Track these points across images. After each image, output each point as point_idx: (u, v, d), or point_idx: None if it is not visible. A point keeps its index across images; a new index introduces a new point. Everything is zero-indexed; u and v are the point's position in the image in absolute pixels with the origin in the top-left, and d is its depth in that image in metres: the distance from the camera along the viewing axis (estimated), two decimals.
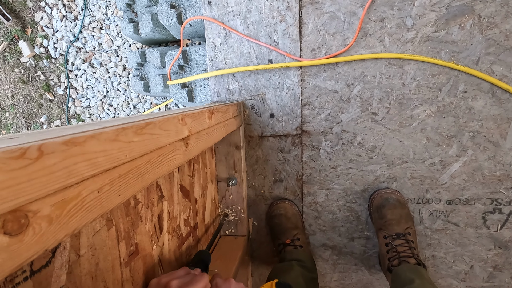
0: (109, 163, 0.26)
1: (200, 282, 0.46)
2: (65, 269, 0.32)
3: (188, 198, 0.66)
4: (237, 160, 0.85)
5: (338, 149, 0.84)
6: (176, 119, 0.40)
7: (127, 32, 1.26)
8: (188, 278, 0.47)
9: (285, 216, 0.85)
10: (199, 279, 0.47)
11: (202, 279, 0.47)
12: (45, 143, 0.20)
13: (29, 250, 0.18)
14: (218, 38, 0.85)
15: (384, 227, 0.77)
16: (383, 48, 0.77)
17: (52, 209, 0.20)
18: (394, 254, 0.73)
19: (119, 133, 0.28)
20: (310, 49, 0.80)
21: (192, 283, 0.45)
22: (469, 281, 0.85)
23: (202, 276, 0.49)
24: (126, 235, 0.43)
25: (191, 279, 0.47)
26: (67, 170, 0.22)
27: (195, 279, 0.47)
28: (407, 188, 0.83)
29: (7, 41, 1.73)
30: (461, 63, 0.74)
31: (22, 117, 1.84)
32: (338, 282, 0.95)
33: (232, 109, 0.74)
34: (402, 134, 0.80)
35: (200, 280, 0.47)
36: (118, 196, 0.28)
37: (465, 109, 0.76)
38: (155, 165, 0.34)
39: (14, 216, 0.18)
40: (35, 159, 0.19)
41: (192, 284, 0.45)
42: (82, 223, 0.23)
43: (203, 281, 0.47)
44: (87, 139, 0.24)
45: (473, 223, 0.82)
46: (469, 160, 0.78)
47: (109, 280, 0.40)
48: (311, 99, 0.83)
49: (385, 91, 0.79)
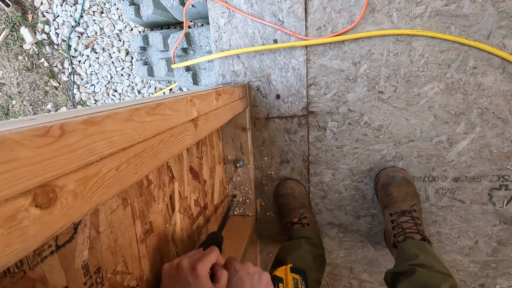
0: (125, 142, 0.27)
1: (210, 254, 0.47)
2: (87, 245, 0.34)
3: (198, 179, 0.68)
4: (243, 142, 0.86)
5: (344, 129, 0.85)
6: (185, 100, 0.41)
7: (128, 15, 1.24)
8: (198, 254, 0.48)
9: (292, 195, 0.87)
10: (209, 252, 0.48)
11: (212, 252, 0.48)
12: (66, 122, 0.21)
13: (59, 222, 0.20)
14: (221, 18, 0.83)
15: (390, 204, 0.78)
16: (391, 24, 0.75)
17: (76, 184, 0.21)
18: (400, 231, 0.74)
19: (133, 113, 0.28)
20: (316, 27, 0.79)
21: (203, 257, 0.46)
22: (473, 255, 0.87)
23: (212, 249, 0.49)
24: (141, 213, 0.45)
25: (201, 255, 0.47)
26: (87, 148, 0.22)
27: (205, 253, 0.48)
28: (413, 167, 0.83)
29: (9, 28, 1.72)
30: (472, 37, 0.72)
31: (29, 105, 1.86)
32: (344, 258, 0.98)
33: (238, 91, 0.74)
34: (409, 113, 0.80)
35: (210, 253, 0.47)
36: (135, 174, 0.29)
37: (474, 86, 0.75)
38: (167, 145, 0.35)
39: (43, 190, 0.19)
40: (58, 137, 0.20)
41: (203, 258, 0.46)
42: (103, 199, 0.24)
43: (214, 254, 0.48)
44: (103, 118, 0.24)
45: (479, 200, 0.82)
46: (477, 137, 0.78)
47: (127, 256, 0.42)
48: (317, 79, 0.83)
49: (393, 69, 0.77)
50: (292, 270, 0.60)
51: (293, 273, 0.60)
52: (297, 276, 0.59)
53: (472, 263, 0.88)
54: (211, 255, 0.47)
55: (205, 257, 0.46)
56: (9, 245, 0.17)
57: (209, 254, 0.47)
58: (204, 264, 0.45)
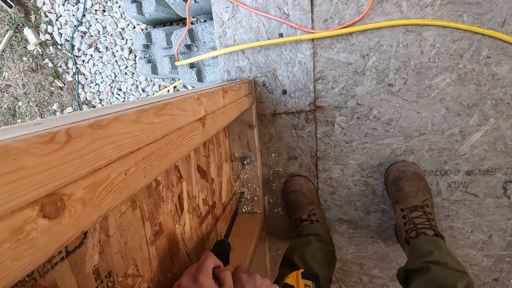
0: (133, 145, 0.26)
1: (206, 262, 0.44)
2: (97, 249, 0.33)
3: (205, 178, 0.67)
4: (250, 139, 0.85)
5: (353, 124, 0.83)
6: (192, 98, 0.39)
7: (131, 13, 1.23)
8: (193, 268, 0.45)
9: (301, 192, 0.86)
10: (203, 260, 0.45)
11: (206, 259, 0.45)
12: (72, 126, 0.20)
13: (68, 232, 0.19)
14: (225, 13, 0.81)
15: (401, 199, 0.77)
16: (400, 14, 0.72)
17: (85, 191, 0.21)
18: (412, 226, 0.73)
19: (140, 115, 0.27)
20: (322, 20, 0.77)
21: (200, 267, 0.44)
22: (487, 250, 0.85)
23: (204, 255, 0.46)
24: (150, 215, 0.44)
25: (196, 266, 0.45)
26: (95, 153, 0.22)
27: (200, 262, 0.45)
28: (424, 161, 0.81)
29: (12, 29, 1.72)
30: (485, 26, 0.69)
31: (35, 106, 1.86)
32: (354, 254, 0.97)
33: (244, 87, 0.73)
34: (420, 105, 0.78)
35: (204, 261, 0.45)
36: (144, 177, 0.28)
37: (488, 76, 0.72)
38: (175, 146, 0.34)
39: (50, 200, 0.18)
40: (64, 143, 0.19)
41: (200, 268, 0.44)
42: (113, 205, 0.23)
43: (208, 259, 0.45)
44: (110, 121, 0.23)
45: (493, 193, 0.80)
46: (491, 129, 0.76)
47: (138, 258, 0.41)
48: (324, 73, 0.81)
49: (402, 60, 0.75)
50: (304, 276, 0.57)
51: (305, 279, 0.57)
52: (309, 282, 0.56)
53: (486, 258, 0.86)
54: (207, 262, 0.45)
55: (202, 266, 0.44)
56: (18, 259, 0.16)
57: (204, 262, 0.45)
58: (205, 273, 0.43)
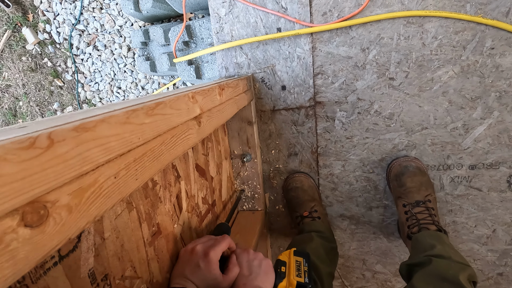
0: (123, 147, 0.25)
1: (223, 241, 0.50)
2: (92, 252, 0.33)
3: (204, 177, 0.66)
4: (250, 136, 0.84)
5: (353, 119, 0.81)
6: (186, 97, 0.39)
7: (128, 10, 1.21)
8: (211, 241, 0.51)
9: (302, 188, 0.85)
10: (221, 239, 0.51)
11: (224, 239, 0.51)
12: (55, 130, 0.19)
13: (52, 241, 0.18)
14: (222, 8, 0.80)
15: (404, 195, 0.76)
16: (401, 5, 0.70)
17: (71, 197, 0.20)
18: (414, 222, 0.72)
19: (130, 115, 0.27)
20: (321, 13, 0.75)
21: (216, 244, 0.49)
22: (491, 244, 0.84)
23: (224, 237, 0.52)
24: (147, 216, 0.44)
25: (214, 242, 0.50)
26: (81, 157, 0.21)
27: (218, 240, 0.51)
28: (427, 155, 0.80)
29: (11, 29, 1.71)
30: (489, 16, 0.67)
31: (35, 105, 1.86)
32: (356, 250, 0.96)
33: (242, 84, 0.72)
34: (422, 99, 0.76)
35: (222, 241, 0.50)
36: (135, 180, 0.27)
37: (491, 68, 0.71)
38: (169, 146, 0.33)
39: (32, 208, 0.17)
40: (46, 148, 0.18)
41: (216, 245, 0.49)
42: (102, 210, 0.23)
43: (225, 241, 0.51)
44: (97, 123, 0.22)
45: (497, 187, 0.79)
46: (495, 122, 0.74)
47: (135, 260, 0.41)
48: (323, 68, 0.79)
49: (404, 53, 0.74)
50: (295, 253, 0.62)
51: (296, 256, 0.61)
52: (300, 258, 0.61)
53: (490, 252, 0.85)
54: (223, 243, 0.50)
55: (218, 244, 0.49)
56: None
57: (221, 242, 0.50)
58: (216, 251, 0.48)
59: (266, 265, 0.53)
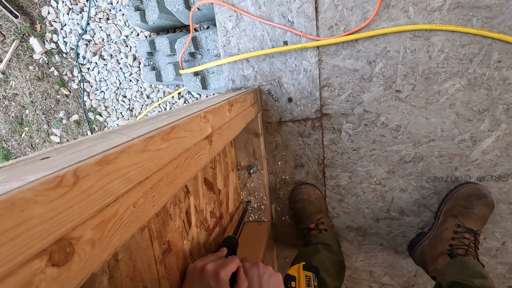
0: (141, 175, 0.26)
1: (233, 262, 0.51)
2: (106, 275, 0.33)
3: (212, 190, 0.66)
4: (256, 148, 0.85)
5: (360, 131, 0.82)
6: (198, 117, 0.39)
7: (134, 21, 1.23)
8: (221, 261, 0.51)
9: (308, 200, 0.85)
10: (231, 260, 0.52)
11: (234, 260, 0.52)
12: (80, 166, 0.19)
13: (78, 277, 0.18)
14: (229, 22, 0.81)
15: (462, 216, 0.75)
16: (407, 19, 0.71)
17: (94, 232, 0.20)
18: (461, 244, 0.72)
19: (147, 143, 0.27)
20: (328, 27, 0.75)
21: (226, 265, 0.50)
22: (501, 257, 0.83)
23: (234, 258, 0.53)
24: (158, 234, 0.44)
25: (223, 262, 0.51)
26: (103, 190, 0.21)
27: (228, 261, 0.51)
28: (434, 167, 0.80)
29: (18, 39, 1.74)
30: (496, 29, 0.68)
31: (41, 114, 1.88)
32: (364, 262, 0.95)
33: (250, 97, 0.72)
34: (429, 111, 0.76)
35: (232, 262, 0.51)
36: (153, 206, 0.27)
37: (499, 80, 0.71)
38: (183, 168, 0.34)
39: (59, 246, 0.17)
40: (72, 185, 0.18)
41: (226, 265, 0.49)
42: (122, 240, 0.23)
43: (236, 262, 0.52)
44: (118, 155, 0.23)
45: (505, 199, 0.78)
46: (503, 134, 0.74)
47: (147, 279, 0.41)
48: (330, 80, 0.80)
49: (410, 66, 0.74)
50: (305, 268, 0.62)
51: (306, 271, 0.61)
52: (309, 273, 0.61)
53: (499, 265, 0.84)
54: (233, 264, 0.51)
55: (228, 265, 0.50)
56: None
57: (232, 263, 0.51)
58: (227, 271, 0.49)
59: (276, 280, 0.53)
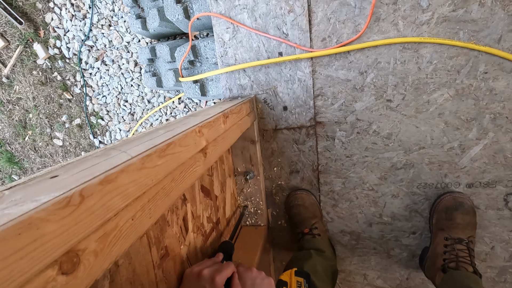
0: (139, 190, 0.29)
1: (228, 268, 0.53)
2: (107, 279, 0.36)
3: (209, 196, 0.69)
4: (253, 154, 0.87)
5: (353, 138, 0.84)
6: (194, 132, 0.42)
7: (136, 29, 1.27)
8: (216, 266, 0.54)
9: (303, 206, 0.88)
10: (227, 266, 0.54)
11: (229, 266, 0.54)
12: (85, 187, 0.22)
13: (83, 284, 0.21)
14: (226, 33, 0.84)
15: (448, 229, 0.77)
16: (397, 32, 0.74)
17: (97, 243, 0.23)
18: (453, 257, 0.74)
19: (145, 161, 0.30)
20: (321, 39, 0.78)
21: (221, 270, 0.52)
22: (490, 261, 0.86)
23: (229, 264, 0.55)
24: (156, 240, 0.47)
25: (219, 267, 0.53)
26: (105, 206, 0.24)
27: (224, 266, 0.53)
28: (424, 174, 0.83)
29: (23, 44, 1.78)
30: (481, 42, 0.70)
31: (45, 118, 1.92)
32: (357, 265, 0.98)
33: (245, 107, 0.75)
34: (419, 120, 0.79)
35: (227, 267, 0.53)
36: (149, 218, 0.30)
37: (485, 91, 0.73)
38: (178, 181, 0.36)
39: (67, 257, 0.20)
40: (78, 204, 0.21)
41: (221, 271, 0.52)
42: (121, 250, 0.26)
43: (231, 268, 0.54)
44: (118, 174, 0.26)
45: (494, 205, 0.81)
46: (490, 143, 0.76)
47: (146, 283, 0.44)
48: (323, 90, 0.83)
49: (400, 77, 0.77)
50: (297, 274, 0.64)
51: (297, 276, 0.64)
52: (301, 279, 0.63)
53: (489, 269, 0.87)
54: (228, 269, 0.53)
55: (223, 270, 0.52)
56: None
57: (227, 268, 0.53)
58: (222, 276, 0.51)
59: (268, 284, 0.56)
